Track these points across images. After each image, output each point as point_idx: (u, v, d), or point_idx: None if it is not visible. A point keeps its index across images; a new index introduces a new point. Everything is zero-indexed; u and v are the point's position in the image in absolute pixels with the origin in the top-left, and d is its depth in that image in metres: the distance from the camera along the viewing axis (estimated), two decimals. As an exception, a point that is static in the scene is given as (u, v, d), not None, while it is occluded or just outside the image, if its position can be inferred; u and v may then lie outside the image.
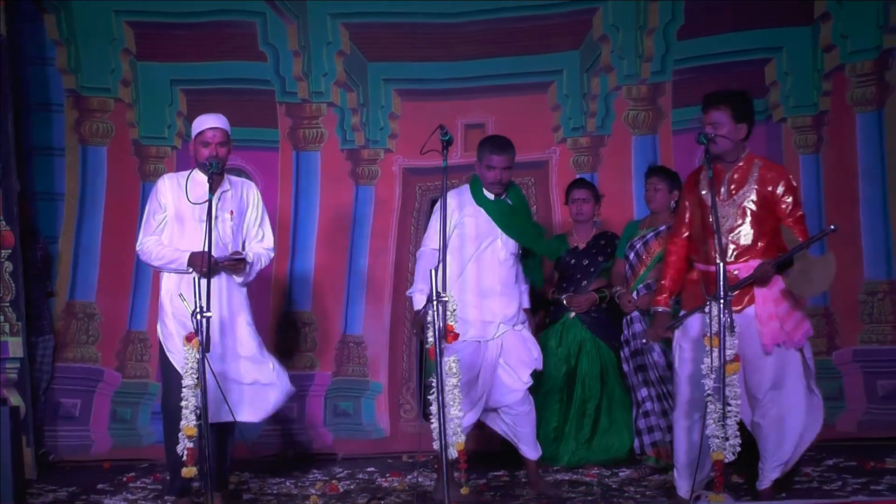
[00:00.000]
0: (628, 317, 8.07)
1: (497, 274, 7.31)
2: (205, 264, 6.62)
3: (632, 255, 8.07)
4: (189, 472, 6.38)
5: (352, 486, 7.89)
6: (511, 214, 7.39)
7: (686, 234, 6.91)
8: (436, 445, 6.37)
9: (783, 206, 6.65)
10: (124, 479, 8.27)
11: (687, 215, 6.90)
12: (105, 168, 9.54)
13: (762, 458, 6.73)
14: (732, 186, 6.66)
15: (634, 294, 8.00)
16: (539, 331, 8.22)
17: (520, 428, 7.45)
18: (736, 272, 6.53)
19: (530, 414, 7.47)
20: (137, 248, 7.16)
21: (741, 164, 6.68)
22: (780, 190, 6.65)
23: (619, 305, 8.09)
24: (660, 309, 6.95)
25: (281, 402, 7.28)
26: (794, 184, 6.72)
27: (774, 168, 6.82)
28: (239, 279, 7.14)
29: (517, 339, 7.39)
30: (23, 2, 9.15)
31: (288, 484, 7.98)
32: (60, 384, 9.28)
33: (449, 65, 9.57)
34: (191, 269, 6.85)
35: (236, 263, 7.02)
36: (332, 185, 9.62)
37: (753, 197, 6.60)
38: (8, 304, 8.56)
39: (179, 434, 6.38)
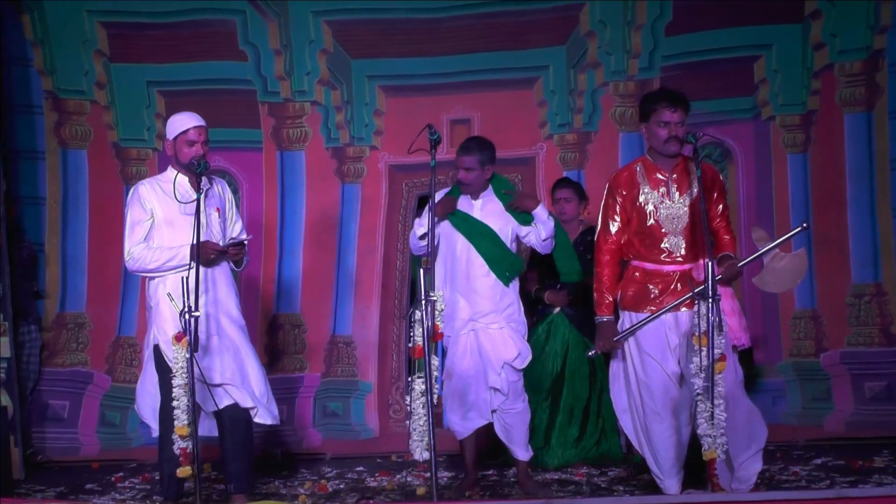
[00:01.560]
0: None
1: (464, 271, 7.75)
2: (206, 252, 6.97)
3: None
4: (185, 471, 6.75)
5: (341, 486, 8.26)
6: (469, 220, 7.82)
7: (619, 234, 7.10)
8: (411, 446, 6.85)
9: (718, 206, 7.12)
10: (112, 479, 8.62)
11: (619, 214, 7.09)
12: (86, 171, 9.87)
13: (733, 457, 6.95)
14: (676, 186, 7.04)
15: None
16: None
17: (510, 428, 7.81)
18: (693, 273, 6.87)
19: (522, 414, 7.82)
20: (126, 259, 7.25)
21: (678, 162, 7.08)
22: (717, 189, 7.11)
23: None
24: (605, 319, 7.09)
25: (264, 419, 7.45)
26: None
27: (709, 166, 7.29)
28: (239, 268, 7.47)
29: (486, 337, 7.75)
30: (4, 1, 9.39)
31: (276, 483, 8.33)
32: (49, 386, 9.58)
33: (434, 60, 9.88)
34: (193, 263, 6.88)
35: (239, 249, 7.29)
36: (317, 185, 9.93)
37: (701, 196, 6.80)
38: (-6, 304, 8.88)
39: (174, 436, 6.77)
